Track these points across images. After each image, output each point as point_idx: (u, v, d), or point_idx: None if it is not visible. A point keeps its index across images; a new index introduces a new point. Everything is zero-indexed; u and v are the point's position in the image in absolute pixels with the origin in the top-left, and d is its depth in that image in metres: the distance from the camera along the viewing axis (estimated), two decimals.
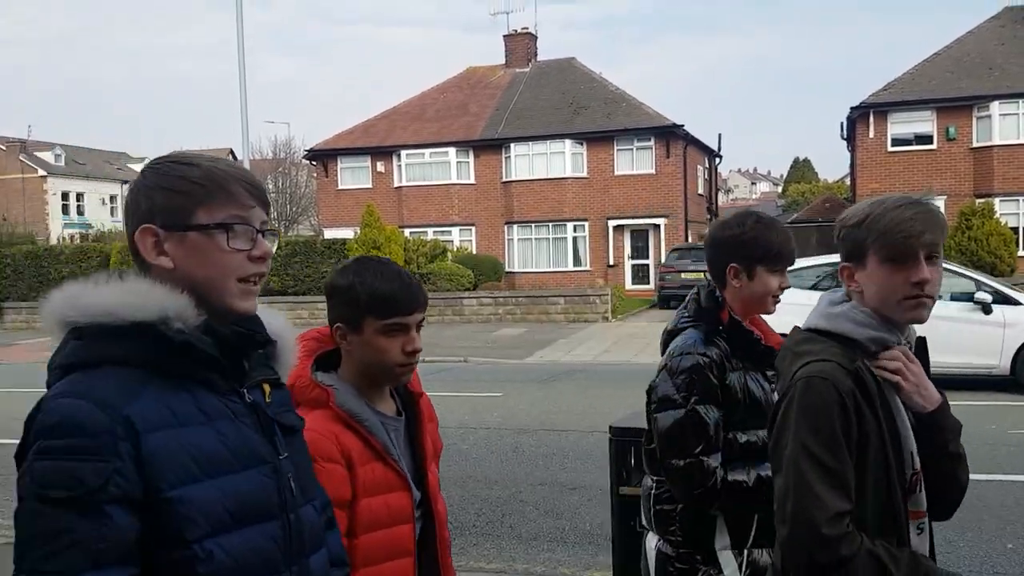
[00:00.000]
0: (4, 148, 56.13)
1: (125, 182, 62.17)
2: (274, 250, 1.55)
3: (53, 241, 38.68)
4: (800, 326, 1.94)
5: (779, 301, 2.55)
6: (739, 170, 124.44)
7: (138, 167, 57.65)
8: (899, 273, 1.78)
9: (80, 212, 57.58)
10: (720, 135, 35.37)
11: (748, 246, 2.48)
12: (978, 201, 21.99)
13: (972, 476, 7.07)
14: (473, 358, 15.92)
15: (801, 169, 75.87)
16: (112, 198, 60.54)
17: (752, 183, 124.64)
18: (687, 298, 2.71)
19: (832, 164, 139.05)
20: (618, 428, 3.90)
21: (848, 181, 38.86)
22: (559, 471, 7.41)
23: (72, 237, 40.37)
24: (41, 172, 55.88)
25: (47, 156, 57.47)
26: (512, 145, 29.69)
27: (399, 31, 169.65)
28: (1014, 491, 6.45)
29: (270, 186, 54.07)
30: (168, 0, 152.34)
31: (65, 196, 57.25)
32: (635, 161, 29.09)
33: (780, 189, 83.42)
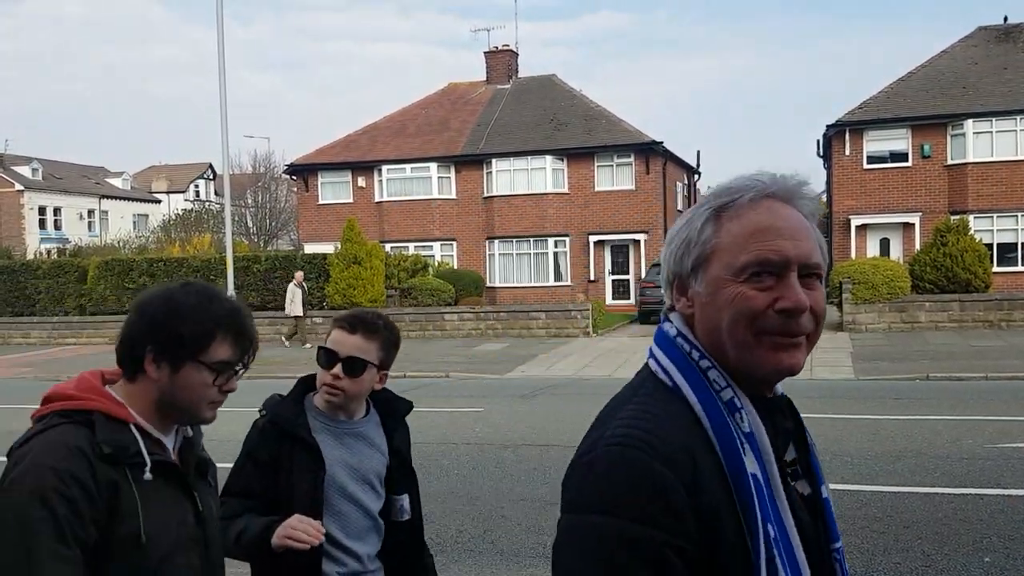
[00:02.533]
0: None
1: (103, 197, 61.68)
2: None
3: (30, 256, 38.27)
4: None
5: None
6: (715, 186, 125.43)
7: (116, 181, 57.41)
8: None
9: (57, 227, 57.03)
10: (699, 152, 35.79)
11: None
12: (953, 218, 22.28)
13: (949, 490, 7.18)
14: (454, 373, 15.90)
15: None
16: (90, 212, 60.03)
17: None
18: None
19: (809, 181, 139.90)
20: None
21: (824, 198, 39.26)
22: (541, 486, 7.42)
23: (49, 252, 39.95)
24: (18, 186, 55.34)
25: (24, 170, 56.93)
26: (493, 161, 29.80)
27: (380, 47, 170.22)
28: (990, 504, 6.52)
29: (249, 200, 53.89)
30: (148, 16, 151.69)
31: (42, 211, 56.69)
32: (615, 177, 29.28)
33: None
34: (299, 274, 21.39)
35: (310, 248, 29.84)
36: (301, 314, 21.01)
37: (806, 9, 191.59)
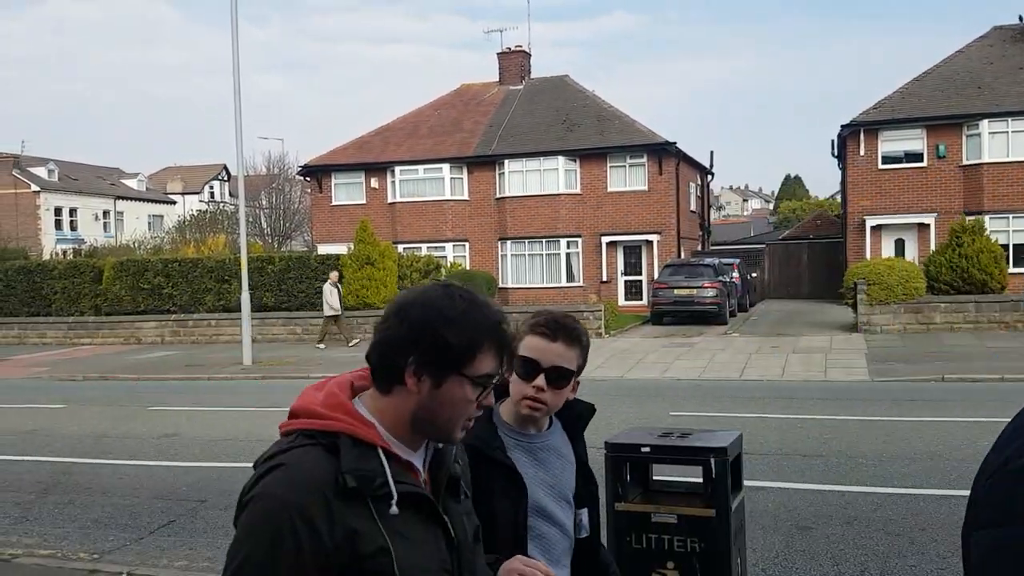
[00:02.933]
0: None
1: (118, 198, 62.05)
2: None
3: (46, 256, 38.56)
4: None
5: None
6: (731, 187, 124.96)
7: (131, 182, 57.70)
8: None
9: (73, 227, 57.41)
10: (712, 152, 35.61)
11: None
12: (968, 218, 22.12)
13: (965, 492, 7.13)
14: None
15: (792, 186, 76.33)
16: (105, 213, 60.40)
17: (744, 200, 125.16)
18: None
19: (823, 181, 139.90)
20: (614, 444, 3.92)
21: (839, 198, 39.04)
22: None
23: (65, 252, 40.23)
24: (34, 187, 55.75)
25: (40, 171, 57.35)
26: (506, 161, 29.80)
27: (394, 48, 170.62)
28: None
29: (263, 201, 54.10)
30: (162, 19, 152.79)
31: (58, 211, 57.09)
32: (628, 178, 29.22)
33: (772, 206, 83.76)
34: (334, 274, 21.40)
35: (323, 249, 29.93)
36: (339, 313, 20.88)
37: (821, 11, 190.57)
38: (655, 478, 4.15)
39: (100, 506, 7.40)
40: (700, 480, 3.77)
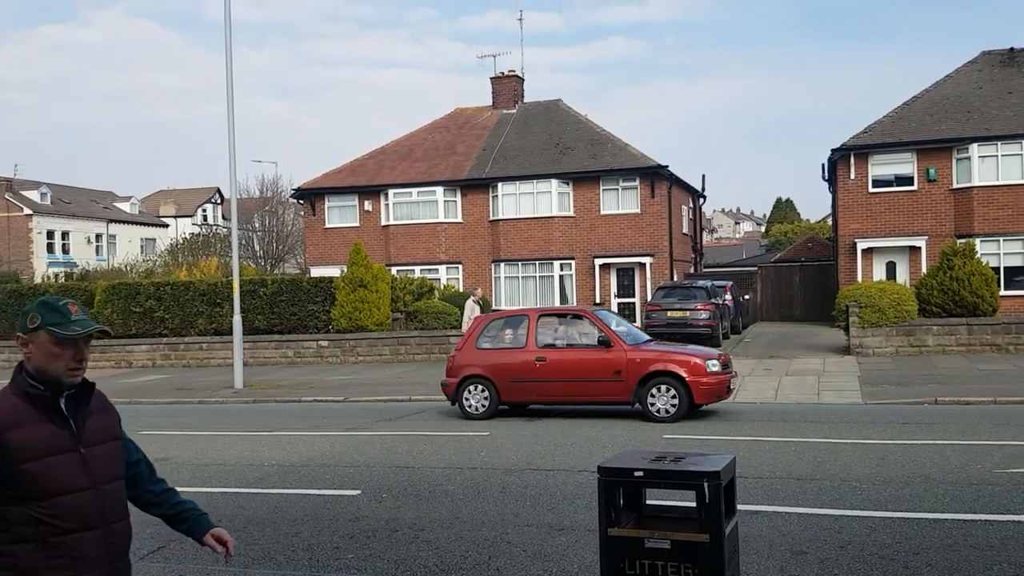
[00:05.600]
0: None
1: (111, 221, 61.97)
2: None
3: (38, 280, 38.39)
4: None
5: None
6: (723, 210, 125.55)
7: (124, 206, 57.65)
8: None
9: (65, 251, 57.26)
10: (704, 175, 35.90)
11: None
12: (959, 241, 22.24)
13: (959, 516, 7.07)
14: None
15: (784, 209, 76.66)
16: (98, 237, 60.29)
17: (736, 223, 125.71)
18: None
19: (815, 204, 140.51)
20: (607, 468, 3.90)
21: (831, 221, 39.24)
22: (547, 512, 7.36)
23: (57, 276, 40.06)
24: (27, 211, 55.66)
25: (33, 195, 57.29)
26: (499, 184, 29.91)
27: (391, 73, 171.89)
28: (1001, 531, 6.45)
29: (256, 224, 54.08)
30: (159, 43, 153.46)
31: (50, 235, 56.97)
32: (620, 201, 29.34)
33: (763, 229, 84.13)
34: (478, 291, 21.36)
35: (317, 271, 29.92)
36: None
37: (812, 36, 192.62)
38: (648, 502, 4.13)
39: None
40: (694, 504, 3.75)
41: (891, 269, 26.90)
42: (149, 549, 6.75)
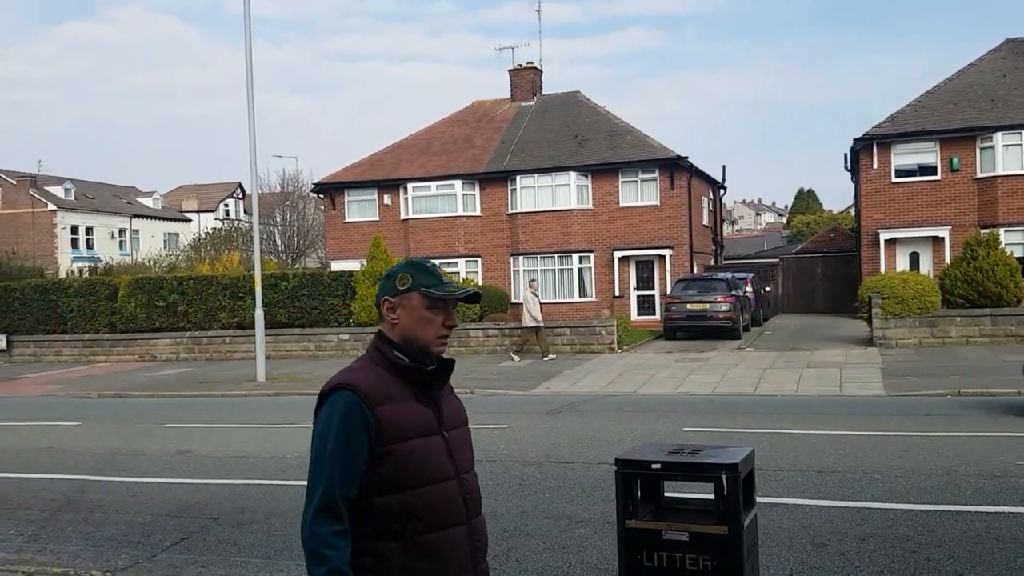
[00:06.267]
0: (15, 183, 56.63)
1: (134, 216, 62.55)
2: None
3: (62, 275, 38.86)
4: None
5: None
6: (744, 201, 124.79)
7: (147, 201, 58.28)
8: None
9: (89, 245, 57.90)
10: (724, 167, 35.55)
11: None
12: (983, 231, 21.97)
13: (982, 508, 7.01)
14: (479, 390, 15.89)
15: (806, 200, 76.07)
16: (121, 232, 60.90)
17: (757, 214, 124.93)
18: None
19: (837, 195, 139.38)
20: (624, 460, 3.90)
21: (853, 212, 38.89)
22: (565, 504, 7.38)
23: (81, 271, 40.53)
24: (51, 206, 56.30)
25: (57, 190, 57.94)
26: (518, 177, 29.87)
27: (410, 67, 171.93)
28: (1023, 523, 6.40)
29: (278, 219, 54.41)
30: (181, 39, 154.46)
31: (74, 230, 57.61)
32: (640, 193, 29.23)
33: (785, 220, 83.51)
34: (534, 283, 21.34)
35: (337, 266, 30.05)
36: (541, 324, 20.33)
37: (833, 26, 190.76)
38: (667, 495, 4.13)
39: (113, 524, 7.41)
40: (712, 497, 3.74)
41: (914, 260, 26.64)
42: (172, 540, 6.85)
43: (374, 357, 2.47)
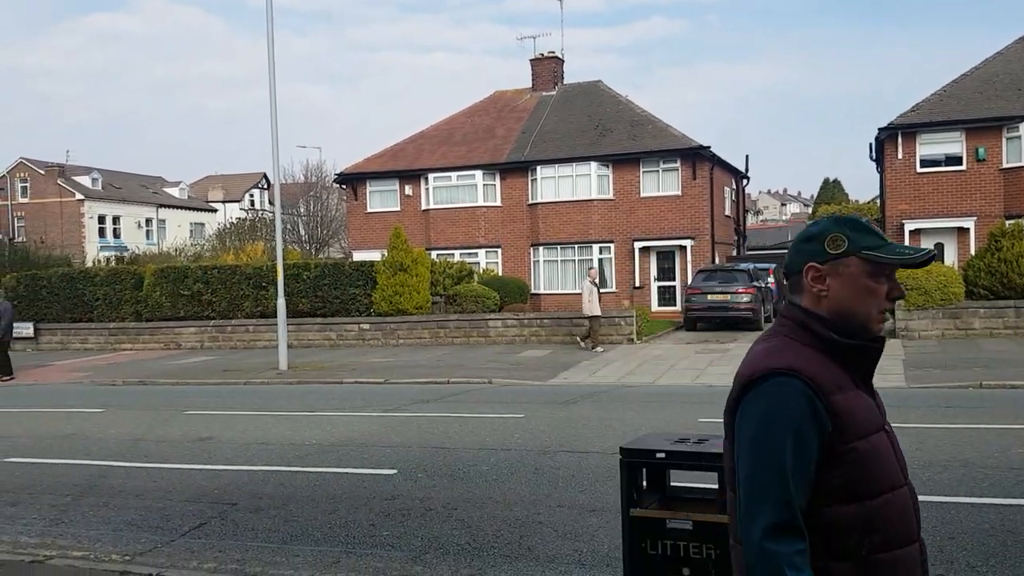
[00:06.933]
0: (43, 172, 57.41)
1: (161, 206, 63.21)
2: None
3: (89, 263, 39.38)
4: None
5: None
6: (769, 191, 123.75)
7: (173, 191, 58.91)
8: None
9: (116, 235, 58.62)
10: (747, 156, 35.28)
11: None
12: (1008, 222, 21.67)
13: (997, 500, 6.98)
14: (497, 379, 15.95)
15: (831, 190, 75.29)
16: (148, 221, 61.59)
17: (782, 204, 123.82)
18: None
19: (863, 185, 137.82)
20: (629, 449, 3.94)
21: (878, 202, 38.48)
22: (578, 493, 7.43)
23: (108, 260, 41.07)
24: (79, 196, 57.03)
25: (84, 180, 58.67)
26: (538, 168, 29.85)
27: (434, 57, 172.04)
28: None
29: (301, 209, 54.78)
30: (207, 30, 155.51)
31: (102, 219, 58.35)
32: (661, 183, 29.11)
33: (810, 210, 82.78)
34: (593, 271, 21.20)
35: (359, 256, 30.22)
36: (599, 313, 20.10)
37: (860, 14, 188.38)
38: (673, 484, 4.16)
39: (134, 509, 7.56)
40: (716, 486, 3.77)
41: (940, 250, 26.33)
42: (191, 526, 6.97)
43: (795, 335, 2.03)
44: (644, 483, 4.01)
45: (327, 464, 9.00)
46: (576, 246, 29.59)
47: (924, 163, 26.18)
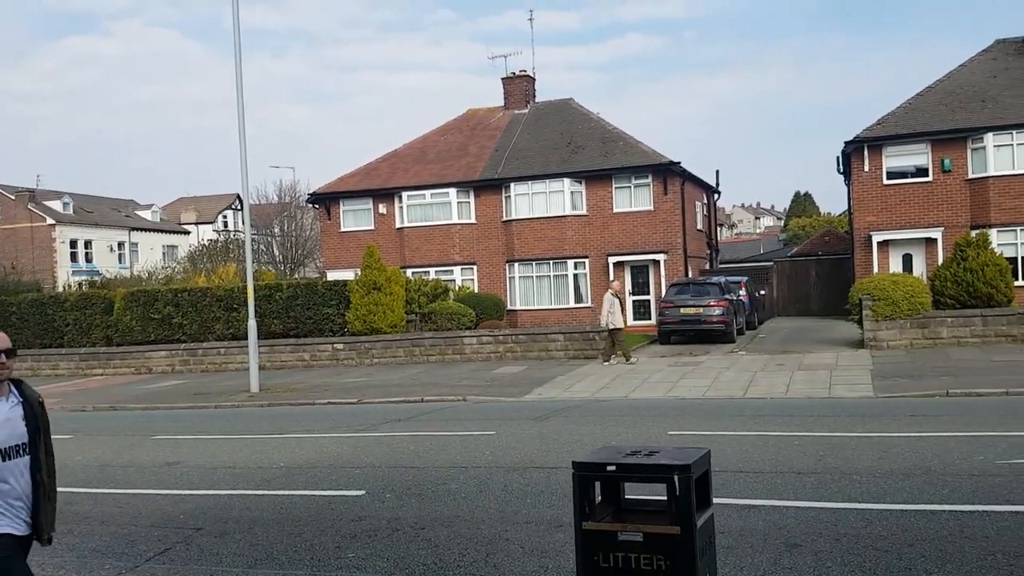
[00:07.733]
0: (13, 198, 56.81)
1: (133, 229, 62.71)
2: None
3: (60, 288, 38.96)
4: None
5: None
6: (743, 205, 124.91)
7: (145, 214, 58.49)
8: None
9: (88, 259, 58.05)
10: (718, 171, 35.68)
11: None
12: (973, 232, 22.04)
13: (956, 507, 7.10)
14: (471, 396, 15.95)
15: (802, 203, 76.22)
16: (120, 245, 61.06)
17: (756, 217, 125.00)
18: None
19: (834, 198, 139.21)
20: (581, 463, 3.98)
21: (846, 215, 38.93)
22: (547, 508, 7.44)
23: (80, 284, 40.64)
24: (49, 220, 56.47)
25: (55, 204, 58.11)
26: (512, 185, 29.99)
27: (410, 76, 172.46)
28: (997, 521, 6.45)
29: (276, 230, 54.55)
30: (184, 53, 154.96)
31: (73, 244, 57.78)
32: (633, 198, 29.34)
33: (783, 223, 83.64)
34: (616, 283, 20.99)
35: (333, 275, 30.14)
36: (622, 326, 20.04)
37: (827, 29, 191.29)
38: (627, 497, 4.20)
39: (99, 535, 7.48)
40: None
41: (907, 261, 26.70)
42: (156, 551, 6.91)
43: None
44: (598, 497, 4.06)
45: (295, 487, 8.95)
46: (551, 262, 29.71)
47: (891, 175, 26.57)
